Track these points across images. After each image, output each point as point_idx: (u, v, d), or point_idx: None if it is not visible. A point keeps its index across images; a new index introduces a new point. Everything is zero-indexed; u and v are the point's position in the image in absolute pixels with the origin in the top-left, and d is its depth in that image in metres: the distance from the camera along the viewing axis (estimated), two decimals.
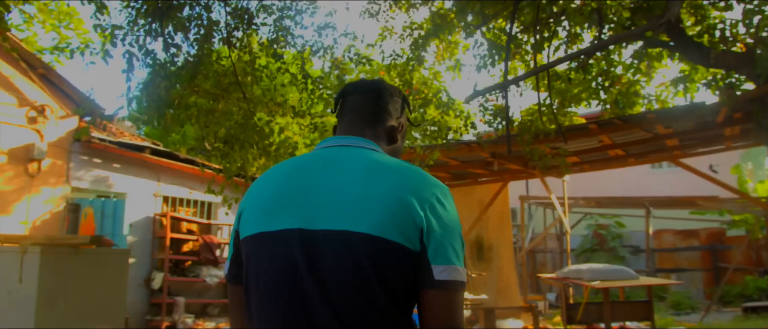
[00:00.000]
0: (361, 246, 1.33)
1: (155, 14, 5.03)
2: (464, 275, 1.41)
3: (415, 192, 1.38)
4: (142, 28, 5.27)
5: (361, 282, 1.33)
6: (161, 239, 10.15)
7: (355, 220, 1.35)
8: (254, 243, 1.48)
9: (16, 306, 4.10)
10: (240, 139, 6.64)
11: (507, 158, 8.95)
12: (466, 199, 12.06)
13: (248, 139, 6.78)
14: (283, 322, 1.41)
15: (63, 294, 4.17)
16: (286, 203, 1.45)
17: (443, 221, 1.39)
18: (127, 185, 9.83)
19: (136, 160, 9.86)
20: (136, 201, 9.86)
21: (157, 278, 9.74)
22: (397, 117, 1.72)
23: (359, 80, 1.83)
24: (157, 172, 10.38)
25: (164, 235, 10.07)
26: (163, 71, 5.31)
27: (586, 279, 7.76)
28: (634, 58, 8.19)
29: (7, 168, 8.31)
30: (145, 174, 10.17)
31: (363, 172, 1.44)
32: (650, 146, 8.85)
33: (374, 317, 1.34)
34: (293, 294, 1.39)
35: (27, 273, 4.08)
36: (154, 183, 10.35)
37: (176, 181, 10.78)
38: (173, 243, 10.49)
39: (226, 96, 6.39)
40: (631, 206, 14.19)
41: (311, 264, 1.37)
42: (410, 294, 1.39)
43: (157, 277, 9.75)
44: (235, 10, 5.83)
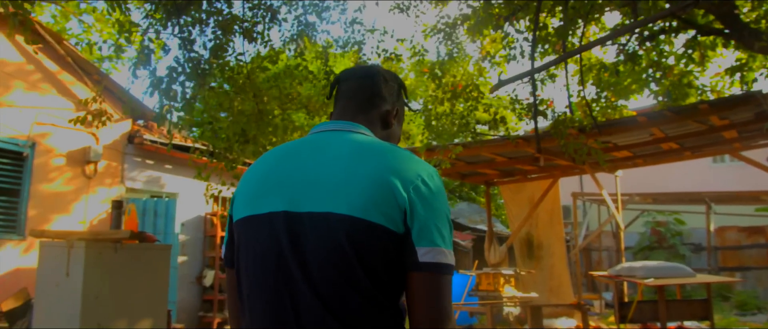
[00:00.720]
0: (342, 227, 1.32)
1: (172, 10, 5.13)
2: (451, 258, 1.37)
3: (398, 174, 1.36)
4: (159, 23, 5.38)
5: (342, 263, 1.32)
6: (212, 237, 10.39)
7: (338, 202, 1.34)
8: (243, 226, 1.49)
9: (64, 298, 4.26)
10: (253, 135, 6.68)
11: (554, 153, 8.74)
12: (515, 196, 11.89)
13: (261, 135, 6.81)
14: (269, 305, 1.41)
15: (107, 287, 4.31)
16: (274, 186, 1.45)
17: (428, 202, 1.36)
18: (179, 185, 10.10)
19: (187, 161, 10.11)
20: (187, 200, 10.11)
21: (208, 275, 9.98)
22: (392, 102, 1.71)
23: (354, 66, 1.82)
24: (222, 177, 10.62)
25: (215, 234, 10.32)
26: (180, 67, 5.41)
27: (639, 277, 7.50)
28: (686, 47, 7.89)
29: (66, 170, 8.67)
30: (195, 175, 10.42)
31: (348, 154, 1.43)
32: (706, 139, 8.47)
33: (355, 299, 1.32)
34: (278, 276, 1.39)
35: (73, 267, 4.24)
36: (204, 182, 10.58)
37: None
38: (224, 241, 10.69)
39: (242, 93, 6.45)
40: (690, 202, 13.68)
41: (295, 246, 1.37)
42: (395, 279, 1.36)
43: (209, 275, 9.99)
44: (257, 5, 5.88)
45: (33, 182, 8.28)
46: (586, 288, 15.12)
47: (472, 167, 10.64)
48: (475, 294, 9.27)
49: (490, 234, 11.68)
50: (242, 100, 6.47)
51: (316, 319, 1.33)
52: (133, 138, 9.42)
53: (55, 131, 8.56)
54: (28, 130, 8.26)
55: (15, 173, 8.26)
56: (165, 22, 5.25)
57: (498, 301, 8.77)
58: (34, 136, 8.34)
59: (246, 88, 6.29)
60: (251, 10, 5.89)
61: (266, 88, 7.68)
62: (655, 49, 7.78)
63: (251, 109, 7.17)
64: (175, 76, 5.27)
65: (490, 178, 11.89)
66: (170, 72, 5.29)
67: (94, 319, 4.20)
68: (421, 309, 1.33)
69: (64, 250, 4.31)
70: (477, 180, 12.36)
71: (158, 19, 5.38)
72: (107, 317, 4.28)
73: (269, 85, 8.36)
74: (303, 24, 6.18)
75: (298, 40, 6.22)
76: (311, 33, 6.29)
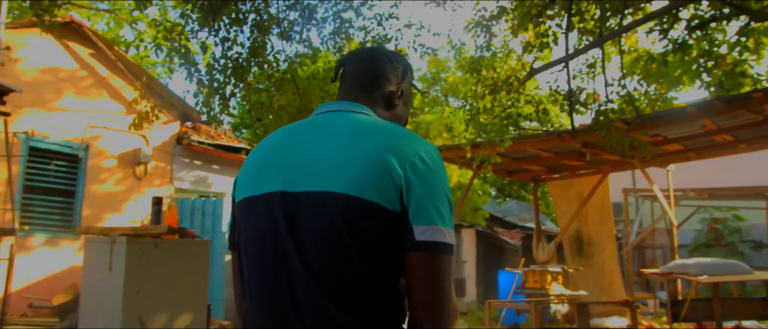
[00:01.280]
0: (337, 205, 1.30)
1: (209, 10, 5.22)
2: (451, 237, 1.34)
3: (395, 151, 1.34)
4: (197, 22, 5.49)
5: (337, 242, 1.30)
6: None
7: (334, 181, 1.33)
8: (243, 207, 1.50)
9: (107, 293, 4.39)
10: None
11: (601, 148, 8.51)
12: (564, 193, 11.65)
13: None
14: (267, 285, 1.41)
15: (148, 282, 4.42)
16: (272, 167, 1.46)
17: (425, 180, 1.33)
18: (226, 185, 10.31)
19: (234, 161, 10.31)
20: None
21: None
22: (397, 83, 1.69)
23: (359, 48, 1.81)
24: None
25: None
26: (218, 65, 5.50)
27: (692, 274, 7.23)
28: (740, 35, 7.55)
29: (117, 171, 8.97)
30: None
31: (346, 134, 1.42)
32: (763, 130, 8.07)
33: (350, 279, 1.30)
34: (275, 256, 1.39)
35: (115, 262, 4.37)
36: None
37: None
38: None
39: (281, 90, 6.50)
40: (749, 197, 13.10)
41: (291, 226, 1.36)
42: (393, 259, 1.33)
43: None
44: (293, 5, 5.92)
45: (87, 183, 8.60)
46: (640, 287, 14.68)
47: (518, 163, 10.48)
48: (522, 291, 9.13)
49: (538, 231, 11.48)
50: (281, 96, 6.53)
51: (312, 299, 1.32)
52: (181, 139, 9.67)
53: (107, 134, 8.87)
54: (82, 133, 8.58)
55: (70, 175, 8.59)
56: (202, 21, 5.35)
57: (544, 299, 8.62)
58: (87, 138, 8.65)
59: (284, 85, 6.35)
60: (289, 10, 5.96)
61: (306, 86, 7.73)
62: (706, 37, 7.47)
63: (295, 107, 7.24)
64: (214, 73, 5.37)
65: (537, 175, 11.69)
66: (208, 69, 5.40)
67: (135, 313, 4.32)
68: (418, 290, 1.31)
69: (107, 246, 4.45)
70: (524, 177, 12.17)
71: (197, 19, 5.50)
72: (148, 311, 4.39)
73: (311, 84, 8.40)
74: (339, 21, 6.20)
75: (335, 38, 6.26)
76: (347, 30, 6.31)
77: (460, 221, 15.45)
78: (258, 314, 1.44)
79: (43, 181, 8.24)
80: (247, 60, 5.47)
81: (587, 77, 7.84)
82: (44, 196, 8.28)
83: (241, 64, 5.40)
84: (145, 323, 4.38)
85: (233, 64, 5.41)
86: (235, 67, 5.39)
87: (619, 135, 5.51)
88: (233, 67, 5.42)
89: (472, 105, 6.70)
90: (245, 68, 5.34)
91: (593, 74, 7.57)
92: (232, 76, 5.37)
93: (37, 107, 8.10)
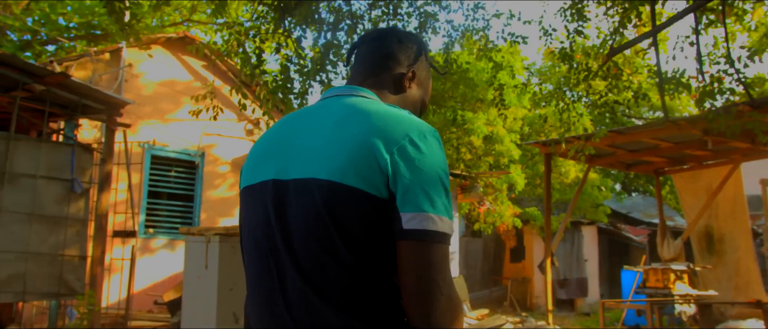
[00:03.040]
0: (321, 192, 1.25)
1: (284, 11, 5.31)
2: (443, 225, 1.23)
3: (382, 135, 1.26)
4: (272, 24, 5.60)
5: (321, 231, 1.25)
6: None
7: (319, 167, 1.28)
8: (243, 196, 1.50)
9: (204, 289, 4.62)
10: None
11: (726, 135, 7.77)
12: (691, 186, 10.82)
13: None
14: (259, 275, 1.40)
15: (241, 279, 4.60)
16: (269, 155, 1.44)
17: (415, 164, 1.23)
18: None
19: None
20: None
21: None
22: (408, 64, 1.59)
23: (371, 30, 1.75)
24: None
25: None
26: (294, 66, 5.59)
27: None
28: None
29: (230, 176, 9.46)
30: None
31: (338, 118, 1.36)
32: None
33: (335, 271, 1.24)
34: (266, 245, 1.36)
35: (210, 261, 4.59)
36: None
37: None
38: None
39: None
40: None
41: (280, 214, 1.33)
42: (383, 250, 1.25)
43: None
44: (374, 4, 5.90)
45: (204, 188, 9.13)
46: None
47: (634, 155, 9.86)
48: (642, 291, 8.57)
49: (662, 227, 10.75)
50: None
51: (297, 291, 1.27)
52: None
53: (220, 141, 9.37)
54: (198, 141, 9.12)
55: (189, 180, 9.17)
56: (277, 23, 5.49)
57: (667, 299, 8.03)
58: (203, 146, 9.19)
59: None
60: (370, 6, 5.96)
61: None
62: None
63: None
64: (289, 74, 5.50)
65: (659, 167, 10.95)
66: (282, 70, 5.53)
67: (229, 309, 4.51)
68: (407, 281, 1.22)
69: (203, 245, 4.68)
70: (644, 170, 11.44)
71: (272, 20, 5.65)
72: (242, 307, 4.57)
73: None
74: (424, 15, 6.12)
75: (421, 33, 6.19)
76: (433, 24, 6.22)
77: (580, 218, 14.79)
78: (253, 304, 1.42)
79: (165, 187, 8.86)
80: (322, 60, 5.53)
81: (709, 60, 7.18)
82: (167, 201, 8.91)
83: (317, 63, 5.48)
84: (239, 319, 4.56)
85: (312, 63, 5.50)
86: (311, 67, 5.48)
87: (729, 118, 4.98)
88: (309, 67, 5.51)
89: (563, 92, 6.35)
90: (321, 67, 5.41)
91: (715, 55, 6.93)
92: (308, 75, 5.46)
93: (156, 118, 8.73)
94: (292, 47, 5.68)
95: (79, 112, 6.23)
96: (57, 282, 5.73)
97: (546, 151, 9.73)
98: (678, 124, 7.92)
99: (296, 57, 5.67)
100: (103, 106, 6.40)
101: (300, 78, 5.56)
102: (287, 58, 5.72)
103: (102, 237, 6.33)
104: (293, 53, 5.75)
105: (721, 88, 5.01)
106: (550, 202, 10.08)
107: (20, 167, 5.56)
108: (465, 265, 14.11)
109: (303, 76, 5.54)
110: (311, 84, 5.55)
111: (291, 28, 5.61)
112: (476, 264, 14.87)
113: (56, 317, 6.46)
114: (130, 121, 7.63)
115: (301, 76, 5.54)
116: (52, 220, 5.74)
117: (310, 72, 5.41)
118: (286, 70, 5.56)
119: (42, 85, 5.73)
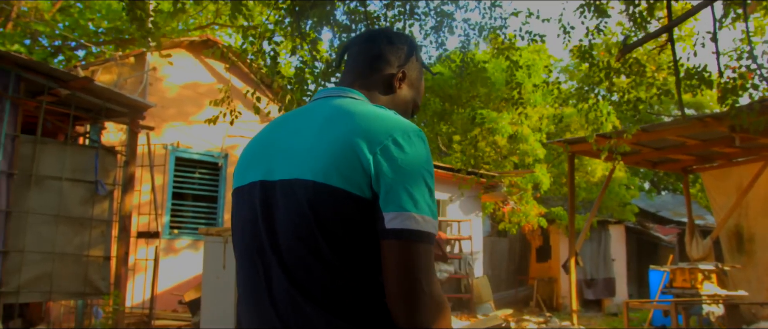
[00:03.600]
0: (305, 192, 1.27)
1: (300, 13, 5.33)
2: (426, 224, 1.23)
3: (366, 135, 1.27)
4: (288, 26, 5.63)
5: (304, 231, 1.27)
6: None
7: (304, 168, 1.30)
8: (233, 198, 1.53)
9: (222, 289, 4.68)
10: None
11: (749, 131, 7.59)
12: (720, 184, 10.60)
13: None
14: (247, 276, 1.42)
15: None
16: (258, 157, 1.46)
17: (397, 163, 1.24)
18: None
19: None
20: None
21: None
22: (398, 65, 1.59)
23: (363, 31, 1.76)
24: None
25: None
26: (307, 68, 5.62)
27: None
28: None
29: None
30: None
31: (324, 120, 1.38)
32: None
33: (318, 269, 1.26)
34: (253, 246, 1.39)
35: (228, 260, 4.65)
36: None
37: None
38: None
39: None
40: None
41: (267, 215, 1.35)
42: (367, 250, 1.26)
43: None
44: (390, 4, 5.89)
45: (227, 189, 9.23)
46: None
47: (660, 153, 9.70)
48: (669, 291, 8.42)
49: (690, 226, 10.56)
50: None
51: (283, 290, 1.29)
52: None
53: (243, 142, 9.46)
54: (221, 142, 9.23)
55: (213, 181, 9.28)
56: (294, 25, 5.51)
57: (694, 299, 7.88)
58: (226, 147, 9.30)
59: None
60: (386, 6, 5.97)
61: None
62: None
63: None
64: (304, 76, 5.53)
65: (686, 165, 10.75)
66: (298, 72, 5.56)
67: None
68: (389, 281, 1.23)
69: (220, 245, 4.74)
70: (672, 168, 11.24)
71: (288, 24, 5.68)
72: None
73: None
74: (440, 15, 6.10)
75: (437, 33, 6.17)
76: (450, 23, 6.19)
77: (607, 217, 14.60)
78: (243, 305, 1.45)
79: (189, 188, 8.99)
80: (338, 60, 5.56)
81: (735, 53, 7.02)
82: (191, 202, 9.04)
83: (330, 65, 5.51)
84: None
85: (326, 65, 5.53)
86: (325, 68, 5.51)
87: (752, 114, 4.86)
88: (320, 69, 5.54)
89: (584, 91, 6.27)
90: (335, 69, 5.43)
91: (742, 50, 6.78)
92: (323, 76, 5.49)
93: (180, 121, 8.86)
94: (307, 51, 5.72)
95: (103, 116, 6.36)
96: (82, 282, 5.85)
97: (574, 150, 9.64)
98: (704, 120, 7.77)
99: (311, 60, 5.71)
100: (126, 109, 6.52)
101: (314, 80, 5.60)
102: (303, 61, 5.76)
103: (126, 237, 6.45)
104: (309, 61, 5.79)
105: (744, 84, 4.90)
106: (573, 202, 9.97)
107: (46, 170, 5.70)
108: (490, 265, 14.03)
109: (317, 78, 5.58)
110: (325, 85, 5.58)
111: (306, 32, 5.65)
112: (502, 263, 14.78)
113: (83, 316, 6.60)
114: (155, 123, 7.76)
115: (315, 79, 5.57)
116: (77, 221, 5.86)
117: (323, 73, 5.43)
118: (301, 73, 5.60)
119: (67, 89, 5.86)
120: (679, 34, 11.02)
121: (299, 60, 5.76)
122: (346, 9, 5.76)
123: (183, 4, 6.10)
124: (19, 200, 5.45)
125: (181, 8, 6.28)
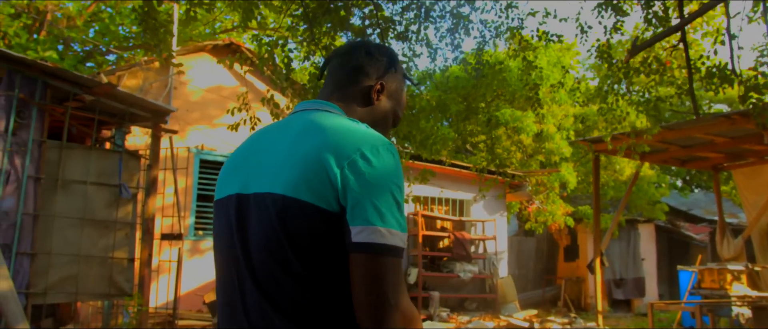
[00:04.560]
0: (275, 206, 1.30)
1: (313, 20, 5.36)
2: (393, 238, 1.25)
3: (334, 149, 1.29)
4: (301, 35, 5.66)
5: (274, 245, 1.30)
6: (415, 237, 10.72)
7: (275, 182, 1.33)
8: (214, 210, 1.57)
9: None
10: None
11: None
12: (751, 182, 10.35)
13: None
14: (223, 289, 1.46)
15: None
16: (236, 170, 1.49)
17: (364, 178, 1.26)
18: None
19: None
20: None
21: (412, 273, 10.30)
22: (377, 77, 1.60)
23: (344, 44, 1.78)
24: (407, 174, 10.99)
25: (417, 233, 10.62)
26: None
27: None
28: None
29: None
30: None
31: (296, 134, 1.40)
32: None
33: (288, 283, 1.29)
34: (229, 258, 1.42)
35: None
36: (405, 184, 10.99)
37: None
38: (427, 240, 11.01)
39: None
40: None
41: (241, 228, 1.39)
42: (335, 264, 1.28)
43: (412, 272, 10.31)
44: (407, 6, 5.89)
45: None
46: None
47: (688, 151, 9.52)
48: (697, 292, 8.26)
49: (721, 225, 10.34)
50: None
51: (255, 304, 1.33)
52: None
53: None
54: None
55: None
56: (309, 34, 5.55)
57: (722, 301, 7.72)
58: None
59: None
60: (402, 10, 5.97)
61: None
62: None
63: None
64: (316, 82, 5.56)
65: (717, 163, 10.52)
66: (310, 79, 5.60)
67: None
68: (356, 294, 1.25)
69: None
70: (701, 166, 11.02)
71: (301, 33, 5.72)
72: None
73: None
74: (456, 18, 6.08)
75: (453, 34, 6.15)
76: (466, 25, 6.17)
77: (636, 216, 14.36)
78: (220, 314, 1.49)
79: (213, 190, 9.11)
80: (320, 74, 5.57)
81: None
82: None
83: None
84: None
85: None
86: None
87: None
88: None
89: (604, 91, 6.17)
90: None
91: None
92: None
93: (204, 124, 8.99)
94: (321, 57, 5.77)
95: (127, 120, 6.50)
96: (107, 284, 5.99)
97: (597, 149, 9.52)
98: (731, 118, 7.61)
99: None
100: (149, 114, 6.65)
101: None
102: (317, 67, 5.82)
103: (149, 240, 6.58)
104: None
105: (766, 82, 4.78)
106: (598, 200, 9.84)
107: (72, 174, 5.84)
108: (517, 265, 13.92)
109: None
110: None
111: (319, 38, 5.68)
112: (529, 263, 14.66)
113: (110, 316, 6.76)
114: (179, 126, 7.89)
115: None
116: (102, 224, 6.00)
117: None
118: (314, 80, 5.64)
119: (91, 95, 6.01)
120: (703, 30, 10.78)
121: (314, 66, 5.81)
122: (362, 14, 5.78)
123: (195, 12, 6.18)
124: (46, 204, 5.60)
125: (194, 16, 6.37)
